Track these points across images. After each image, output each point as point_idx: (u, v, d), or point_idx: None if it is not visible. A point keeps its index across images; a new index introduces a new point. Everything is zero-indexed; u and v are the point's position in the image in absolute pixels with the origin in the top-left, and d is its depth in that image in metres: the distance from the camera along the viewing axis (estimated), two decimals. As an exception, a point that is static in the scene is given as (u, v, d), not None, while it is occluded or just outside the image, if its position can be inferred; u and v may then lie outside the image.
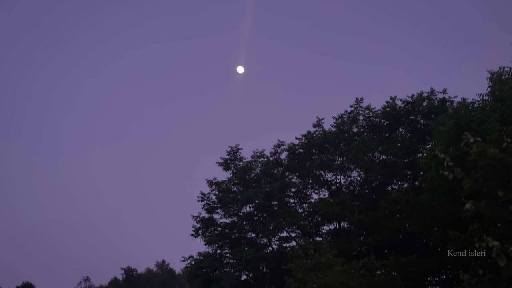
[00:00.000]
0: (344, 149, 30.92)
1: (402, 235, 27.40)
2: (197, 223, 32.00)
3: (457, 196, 18.45)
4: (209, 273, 31.09)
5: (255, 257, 28.31)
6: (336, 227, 31.30)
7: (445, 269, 24.14)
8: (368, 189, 31.68)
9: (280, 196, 30.56)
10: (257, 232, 32.26)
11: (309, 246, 18.18)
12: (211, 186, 32.31)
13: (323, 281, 16.12)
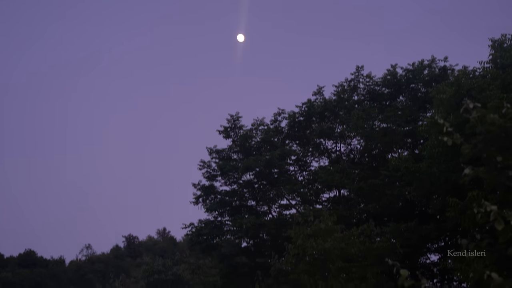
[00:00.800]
0: (345, 117, 30.90)
1: (401, 203, 27.54)
2: (198, 190, 32.15)
3: (457, 164, 18.53)
4: (210, 240, 31.35)
5: (255, 224, 28.51)
6: (336, 194, 31.45)
7: (444, 236, 24.34)
8: (368, 157, 31.75)
9: (280, 164, 30.64)
10: (257, 200, 32.43)
11: (309, 213, 18.35)
12: (211, 154, 32.38)
13: (322, 247, 16.29)
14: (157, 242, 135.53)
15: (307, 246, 16.71)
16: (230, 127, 32.21)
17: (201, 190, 32.05)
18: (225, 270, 31.73)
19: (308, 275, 16.74)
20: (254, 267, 25.69)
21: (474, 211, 7.39)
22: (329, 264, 17.00)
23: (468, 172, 7.21)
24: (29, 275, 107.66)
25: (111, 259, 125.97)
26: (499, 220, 6.32)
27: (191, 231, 31.53)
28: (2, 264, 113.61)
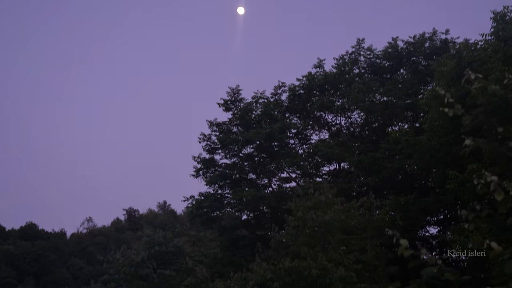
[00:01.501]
0: (345, 90, 30.82)
1: (401, 176, 27.62)
2: (198, 163, 32.17)
3: (457, 137, 18.55)
4: (210, 213, 31.47)
5: (255, 197, 28.60)
6: (336, 168, 31.54)
7: (443, 209, 24.46)
8: (368, 131, 31.77)
9: (281, 137, 30.64)
10: (258, 173, 32.49)
11: (309, 186, 18.39)
12: (212, 127, 32.35)
13: (322, 219, 16.38)
14: (157, 215, 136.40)
15: (307, 218, 16.79)
16: (230, 100, 32.13)
17: (201, 163, 32.08)
18: (226, 242, 31.90)
19: (308, 247, 16.85)
20: (254, 239, 25.85)
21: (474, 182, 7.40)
22: (329, 236, 17.12)
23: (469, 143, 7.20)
24: (31, 247, 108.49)
25: (112, 232, 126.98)
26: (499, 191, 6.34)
27: (192, 204, 31.64)
28: (4, 236, 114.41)
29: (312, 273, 15.11)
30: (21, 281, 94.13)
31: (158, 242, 26.23)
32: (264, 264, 16.69)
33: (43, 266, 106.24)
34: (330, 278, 15.30)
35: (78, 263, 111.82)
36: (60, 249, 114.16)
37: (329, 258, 15.99)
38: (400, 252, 5.63)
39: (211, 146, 32.13)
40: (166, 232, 28.02)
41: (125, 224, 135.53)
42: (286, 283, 16.30)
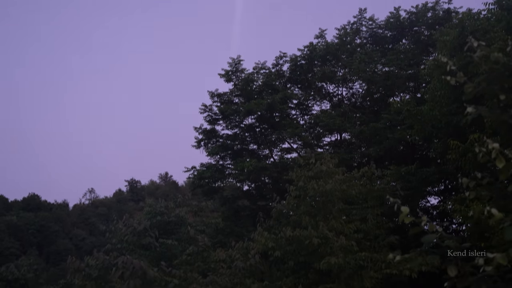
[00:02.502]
0: (347, 60, 30.67)
1: (402, 146, 27.68)
2: (199, 134, 32.19)
3: (458, 107, 18.52)
4: (211, 183, 31.58)
5: (256, 167, 28.66)
6: (337, 138, 31.56)
7: (444, 179, 24.53)
8: (370, 101, 31.72)
9: (282, 108, 30.59)
10: (259, 144, 32.52)
11: (310, 156, 18.39)
12: (213, 97, 32.26)
13: (323, 189, 16.41)
14: (159, 186, 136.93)
15: (308, 188, 16.83)
16: (231, 70, 31.98)
17: (203, 133, 32.09)
18: (227, 213, 32.08)
19: (309, 217, 16.93)
20: (255, 210, 25.97)
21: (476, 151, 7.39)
22: (330, 205, 17.18)
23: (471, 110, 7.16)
24: (34, 218, 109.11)
25: (114, 203, 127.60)
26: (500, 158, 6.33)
27: (193, 174, 31.73)
28: (7, 207, 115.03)
29: (313, 242, 15.21)
30: (25, 251, 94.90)
31: (160, 212, 26.43)
32: (266, 234, 16.80)
33: (46, 237, 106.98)
34: (331, 247, 15.40)
35: (80, 234, 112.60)
36: (63, 220, 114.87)
37: (330, 228, 16.07)
38: (401, 219, 5.64)
39: (212, 117, 32.09)
40: (168, 202, 28.20)
41: (127, 195, 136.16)
42: (287, 252, 16.43)
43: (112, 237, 19.39)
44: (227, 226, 30.16)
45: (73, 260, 12.34)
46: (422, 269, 15.56)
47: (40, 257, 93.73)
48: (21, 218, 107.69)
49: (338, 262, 14.92)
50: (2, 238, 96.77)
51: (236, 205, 31.61)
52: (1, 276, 29.66)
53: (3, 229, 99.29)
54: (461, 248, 5.92)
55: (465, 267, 5.59)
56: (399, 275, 16.30)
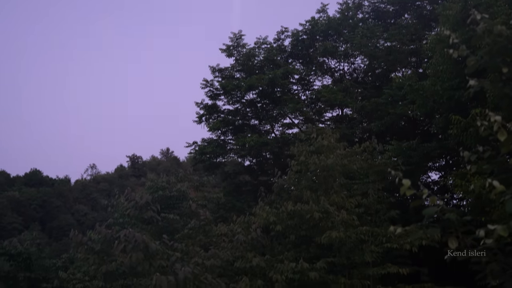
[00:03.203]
0: (348, 35, 30.49)
1: (404, 122, 27.64)
2: (201, 109, 32.15)
3: (460, 82, 18.46)
4: (213, 158, 31.63)
5: (258, 143, 28.68)
6: (338, 113, 31.52)
7: (445, 154, 24.54)
8: (372, 76, 31.62)
9: (283, 83, 30.50)
10: (260, 119, 32.50)
11: (312, 130, 18.39)
12: (214, 72, 32.16)
13: (325, 163, 16.43)
14: (161, 162, 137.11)
15: (309, 163, 16.85)
16: (232, 45, 31.84)
17: (204, 109, 32.05)
18: (228, 188, 32.19)
19: (311, 191, 16.98)
20: (257, 185, 26.05)
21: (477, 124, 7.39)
22: (331, 180, 17.22)
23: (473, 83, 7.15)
24: (36, 193, 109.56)
25: (116, 178, 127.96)
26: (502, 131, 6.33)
27: (194, 149, 31.77)
28: (9, 183, 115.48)
29: (314, 216, 15.28)
30: (27, 226, 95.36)
31: (161, 187, 26.50)
32: (267, 208, 16.88)
33: (48, 212, 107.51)
34: (332, 221, 15.47)
35: (82, 209, 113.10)
36: (65, 195, 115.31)
37: (331, 202, 16.13)
38: (402, 192, 5.65)
39: (214, 92, 32.01)
40: (170, 177, 28.26)
41: (129, 171, 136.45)
42: (288, 226, 16.51)
43: (114, 212, 19.52)
44: (228, 201, 30.27)
45: (76, 233, 12.41)
46: (423, 243, 15.68)
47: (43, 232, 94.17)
48: (23, 193, 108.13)
49: (339, 236, 15.00)
50: (4, 213, 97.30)
51: (237, 180, 31.71)
52: (4, 250, 29.88)
53: (5, 204, 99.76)
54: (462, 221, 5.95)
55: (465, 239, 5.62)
56: (400, 249, 16.39)
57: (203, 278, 10.91)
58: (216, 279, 11.39)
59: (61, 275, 25.87)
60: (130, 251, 10.75)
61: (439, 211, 5.62)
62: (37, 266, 30.96)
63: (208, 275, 11.10)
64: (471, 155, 7.42)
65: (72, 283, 24.87)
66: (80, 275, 25.08)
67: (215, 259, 12.11)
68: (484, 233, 5.20)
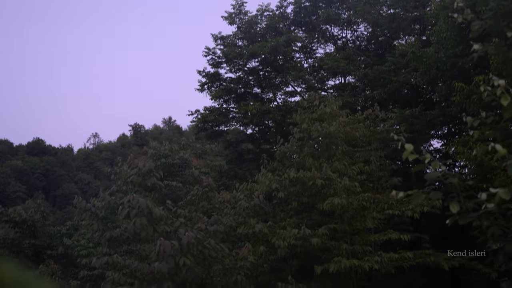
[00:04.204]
0: (351, 2, 30.20)
1: (407, 90, 27.55)
2: (203, 78, 32.01)
3: (464, 49, 18.36)
4: (215, 126, 31.62)
5: (260, 111, 28.62)
6: (341, 81, 31.40)
7: (448, 122, 24.52)
8: (375, 44, 31.40)
9: (286, 51, 30.32)
10: (262, 87, 32.38)
11: (314, 98, 18.37)
12: (216, 40, 31.94)
13: (327, 130, 16.45)
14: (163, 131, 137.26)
15: (312, 130, 16.87)
16: (234, 12, 31.56)
17: (206, 77, 31.90)
18: (231, 156, 32.23)
19: (313, 158, 17.04)
20: (259, 153, 26.09)
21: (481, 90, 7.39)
22: (333, 147, 17.26)
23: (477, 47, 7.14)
24: (39, 162, 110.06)
25: (118, 147, 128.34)
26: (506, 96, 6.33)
27: (197, 118, 31.72)
28: (12, 152, 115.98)
29: (316, 183, 15.34)
30: (31, 195, 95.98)
31: (164, 155, 26.55)
32: (270, 175, 16.94)
33: (51, 181, 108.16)
34: (334, 188, 15.55)
35: (85, 178, 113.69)
36: (68, 164, 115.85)
37: (333, 169, 16.18)
38: (404, 156, 5.67)
39: (216, 60, 31.83)
40: (172, 145, 28.29)
41: (131, 140, 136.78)
42: (290, 193, 16.60)
43: (117, 179, 19.57)
44: (230, 169, 30.35)
45: (80, 200, 12.49)
46: (424, 210, 15.79)
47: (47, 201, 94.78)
48: (26, 162, 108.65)
49: (341, 202, 15.09)
50: (8, 182, 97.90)
51: (239, 149, 31.74)
52: (9, 218, 30.12)
53: (9, 173, 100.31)
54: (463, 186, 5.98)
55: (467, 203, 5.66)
56: (401, 216, 16.53)
57: (207, 243, 11.02)
58: (219, 244, 11.50)
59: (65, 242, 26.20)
60: (134, 216, 10.83)
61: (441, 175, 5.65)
62: (41, 233, 31.24)
63: (211, 240, 11.20)
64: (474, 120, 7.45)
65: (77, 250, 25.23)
66: (84, 241, 25.42)
67: (218, 225, 12.19)
68: (485, 197, 5.24)
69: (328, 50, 32.77)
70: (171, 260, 10.46)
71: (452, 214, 5.59)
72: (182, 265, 10.50)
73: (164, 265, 10.46)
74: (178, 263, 10.47)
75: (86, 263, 21.60)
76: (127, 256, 14.13)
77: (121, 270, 12.49)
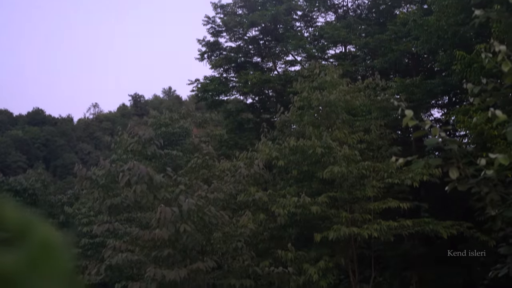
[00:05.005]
0: (353, -30, 29.90)
1: (407, 59, 27.41)
2: (203, 47, 31.85)
3: (466, 17, 18.23)
4: (215, 96, 31.55)
5: (260, 80, 28.53)
6: (341, 50, 31.21)
7: (448, 91, 24.44)
8: (376, 13, 31.10)
9: (286, 20, 30.09)
10: (263, 56, 32.23)
11: (315, 66, 18.30)
12: (216, 9, 31.67)
13: (327, 99, 16.41)
14: (163, 101, 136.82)
15: (312, 98, 16.83)
16: (234, -20, 31.27)
17: (206, 46, 31.74)
18: (231, 126, 32.19)
19: (313, 127, 17.04)
20: (259, 123, 26.06)
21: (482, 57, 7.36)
22: (333, 116, 17.25)
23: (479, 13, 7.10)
24: (39, 132, 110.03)
25: (118, 117, 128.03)
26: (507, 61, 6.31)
27: (197, 87, 31.65)
28: (12, 122, 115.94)
29: (316, 151, 15.37)
30: (31, 165, 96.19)
31: (164, 124, 26.49)
32: (270, 144, 16.97)
33: (52, 151, 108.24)
34: (334, 157, 15.58)
35: (86, 148, 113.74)
36: (68, 134, 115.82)
37: (333, 138, 16.20)
38: (404, 122, 5.67)
39: (216, 29, 31.61)
40: (172, 114, 28.23)
41: (131, 110, 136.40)
42: (291, 161, 16.64)
43: (118, 148, 19.61)
44: (231, 138, 30.34)
45: (80, 167, 12.53)
46: (424, 179, 15.85)
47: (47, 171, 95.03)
48: (26, 132, 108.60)
49: (341, 171, 15.13)
50: (9, 152, 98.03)
51: (239, 118, 31.68)
52: (10, 187, 30.25)
53: (9, 143, 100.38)
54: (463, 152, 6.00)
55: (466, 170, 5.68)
56: (401, 184, 16.59)
57: (207, 210, 11.09)
58: (219, 212, 11.56)
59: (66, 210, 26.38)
60: (134, 183, 10.88)
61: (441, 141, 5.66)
62: (42, 202, 31.41)
63: (211, 208, 11.27)
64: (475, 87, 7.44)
65: (78, 218, 25.41)
66: (85, 210, 25.57)
67: (218, 192, 12.26)
68: (485, 163, 5.25)
69: (328, 19, 32.54)
70: (171, 227, 10.54)
71: (451, 180, 5.61)
72: (183, 231, 10.59)
73: (164, 232, 10.54)
74: (179, 229, 10.56)
75: (88, 231, 21.79)
76: (128, 224, 14.25)
77: (122, 237, 12.62)
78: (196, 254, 12.60)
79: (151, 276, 10.66)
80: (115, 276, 13.16)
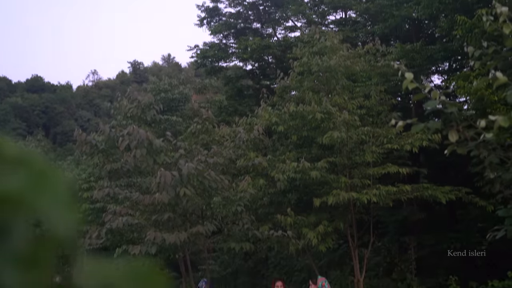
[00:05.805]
0: None
1: (408, 25, 27.19)
2: (202, 12, 31.58)
3: (468, -19, 18.08)
4: (215, 62, 31.41)
5: (260, 46, 28.37)
6: (342, 16, 30.96)
7: (449, 57, 24.33)
8: (377, -23, 30.80)
9: (286, -16, 29.83)
10: (262, 22, 31.98)
11: (315, 31, 18.18)
12: (216, -27, 31.35)
13: (327, 64, 16.34)
14: (162, 68, 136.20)
15: (312, 64, 16.75)
16: None
17: (205, 11, 31.47)
18: (230, 92, 32.10)
19: (313, 92, 17.01)
20: (258, 89, 25.99)
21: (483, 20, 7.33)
22: (333, 81, 17.20)
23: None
24: (38, 100, 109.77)
25: (118, 84, 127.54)
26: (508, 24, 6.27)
27: (196, 53, 31.48)
28: (11, 89, 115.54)
29: (316, 117, 15.36)
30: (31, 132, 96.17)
31: (163, 89, 26.48)
32: (269, 109, 16.96)
33: (51, 118, 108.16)
34: (333, 122, 15.57)
35: (85, 115, 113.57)
36: (67, 101, 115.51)
37: (333, 103, 16.18)
38: (405, 85, 5.66)
39: (215, -6, 31.33)
40: (172, 80, 28.18)
41: (130, 77, 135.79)
42: (290, 127, 16.64)
43: (117, 114, 19.61)
44: (230, 105, 30.30)
45: (80, 132, 12.54)
46: (423, 144, 15.88)
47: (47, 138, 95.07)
48: (25, 99, 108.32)
49: (341, 136, 15.14)
50: (8, 119, 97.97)
51: (239, 85, 31.56)
52: (10, 152, 30.17)
53: (8, 110, 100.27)
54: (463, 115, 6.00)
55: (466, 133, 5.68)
56: (400, 150, 16.63)
57: (207, 175, 11.13)
58: (219, 176, 11.61)
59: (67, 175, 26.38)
60: (134, 147, 10.91)
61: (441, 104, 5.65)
62: (42, 168, 31.38)
63: (211, 172, 11.31)
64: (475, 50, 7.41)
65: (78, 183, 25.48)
66: (85, 175, 25.65)
67: (217, 157, 12.29)
68: (484, 124, 5.25)
69: (329, -17, 32.18)
70: (171, 191, 10.60)
71: (451, 143, 5.61)
72: (183, 195, 10.65)
73: (164, 196, 10.60)
74: (179, 193, 10.62)
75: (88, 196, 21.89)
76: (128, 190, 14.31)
77: (122, 202, 12.68)
78: (196, 218, 12.70)
79: (151, 240, 10.76)
80: (116, 240, 13.25)
